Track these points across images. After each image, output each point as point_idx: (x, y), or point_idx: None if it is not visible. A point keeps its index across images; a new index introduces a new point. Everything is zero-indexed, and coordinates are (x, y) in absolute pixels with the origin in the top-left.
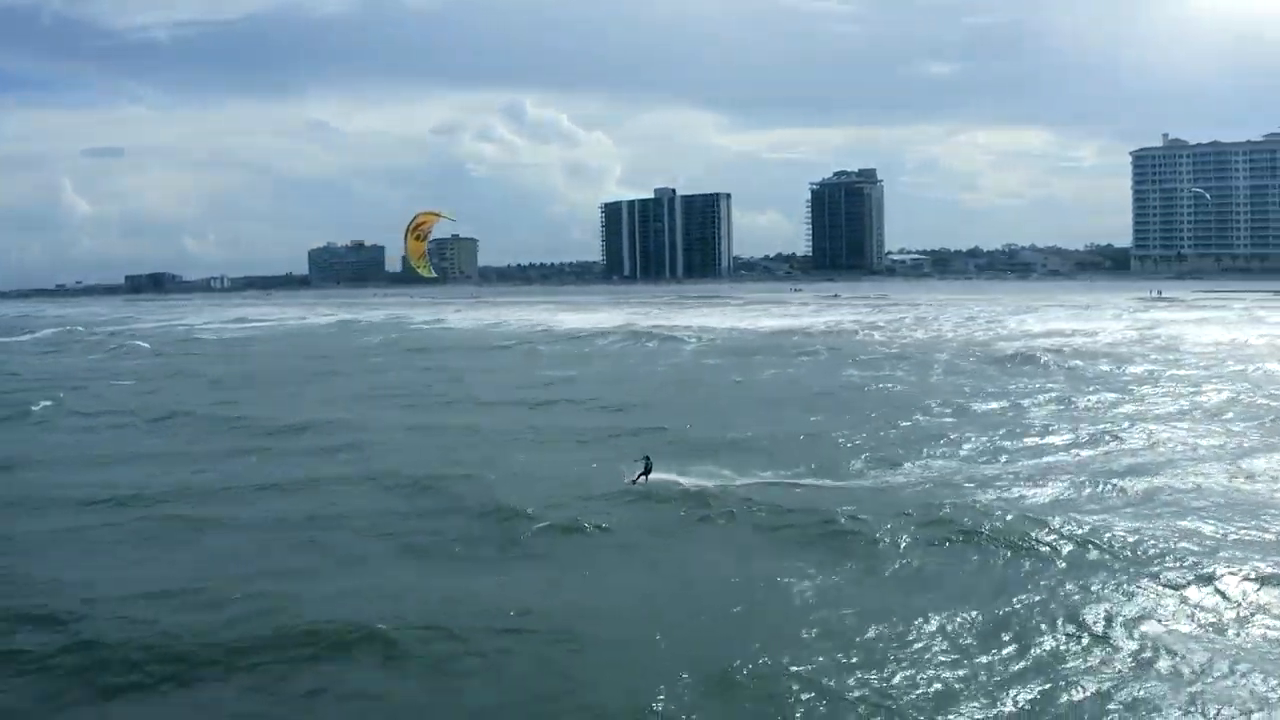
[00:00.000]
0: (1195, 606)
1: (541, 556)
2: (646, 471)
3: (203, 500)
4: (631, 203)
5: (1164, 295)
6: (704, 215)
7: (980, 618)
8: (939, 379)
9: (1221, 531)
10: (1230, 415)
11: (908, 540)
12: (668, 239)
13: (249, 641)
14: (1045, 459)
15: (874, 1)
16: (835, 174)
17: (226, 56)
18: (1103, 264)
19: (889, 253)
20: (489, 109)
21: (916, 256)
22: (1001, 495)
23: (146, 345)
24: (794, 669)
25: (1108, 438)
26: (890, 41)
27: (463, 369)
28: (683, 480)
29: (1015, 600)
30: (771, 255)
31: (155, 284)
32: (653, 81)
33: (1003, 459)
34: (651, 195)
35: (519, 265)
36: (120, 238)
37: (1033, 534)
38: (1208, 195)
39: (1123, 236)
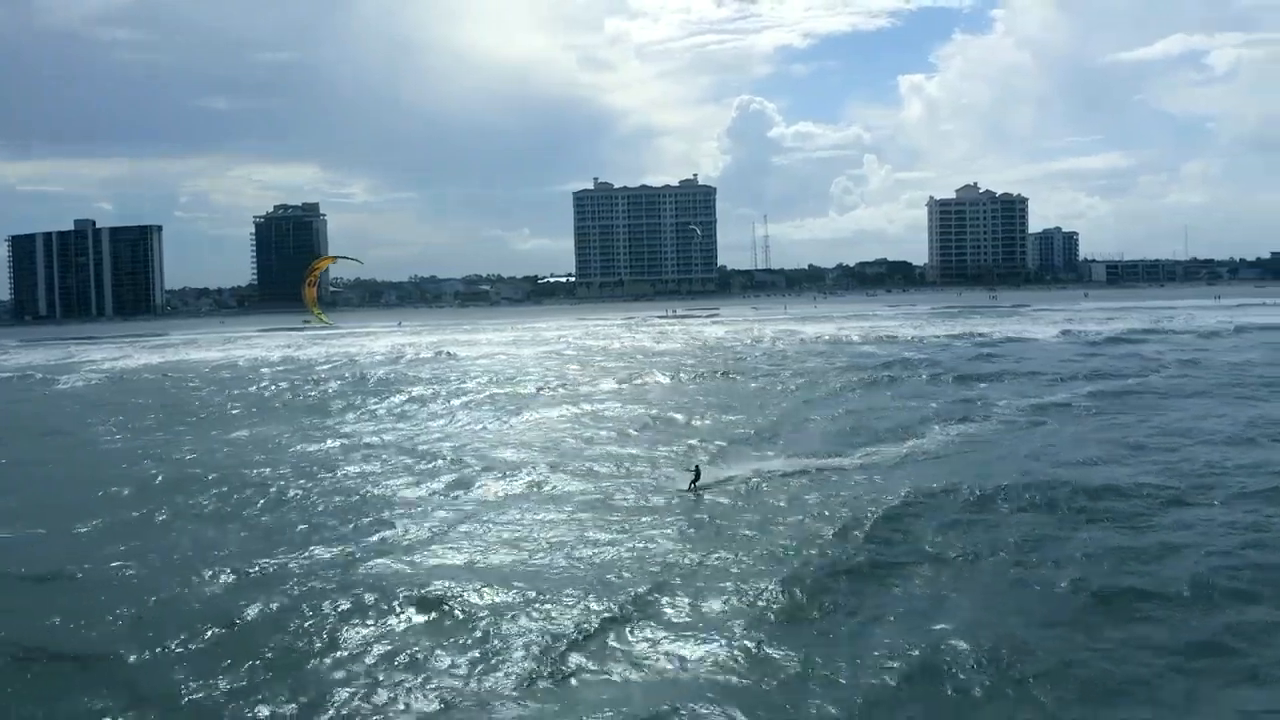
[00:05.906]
0: None
1: None
2: (696, 478)
3: None
4: (48, 235)
5: (679, 313)
6: (135, 249)
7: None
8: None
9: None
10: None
11: None
12: (93, 274)
13: None
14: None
15: (162, 32)
16: (276, 208)
17: None
18: (542, 291)
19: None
20: None
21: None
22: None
23: None
24: None
25: None
26: (172, 74)
27: None
28: None
29: None
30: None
31: None
32: None
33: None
34: (72, 227)
35: None
36: None
37: None
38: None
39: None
